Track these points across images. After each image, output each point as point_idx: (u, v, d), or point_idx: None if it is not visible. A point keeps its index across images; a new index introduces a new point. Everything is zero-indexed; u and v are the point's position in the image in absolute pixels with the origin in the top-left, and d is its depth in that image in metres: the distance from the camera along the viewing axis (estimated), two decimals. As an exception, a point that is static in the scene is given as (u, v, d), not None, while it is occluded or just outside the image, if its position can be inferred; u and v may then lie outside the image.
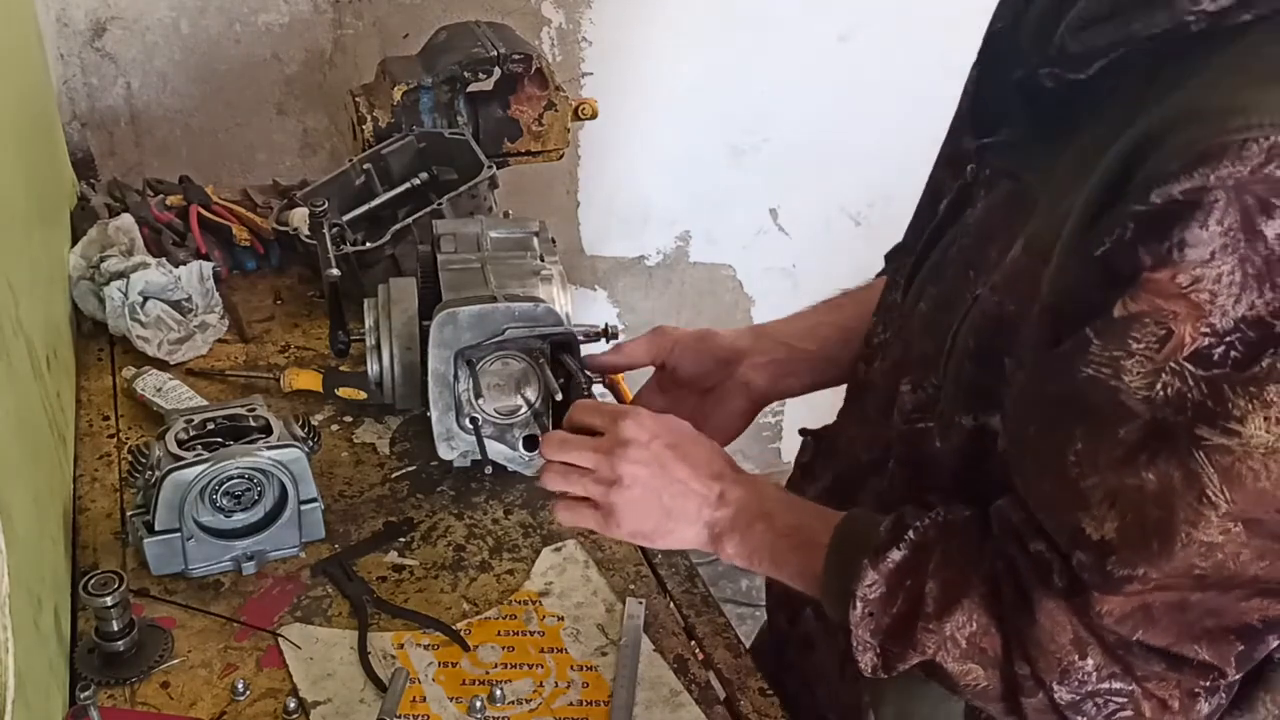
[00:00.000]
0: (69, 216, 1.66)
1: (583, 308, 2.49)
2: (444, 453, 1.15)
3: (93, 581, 0.98)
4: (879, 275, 1.15)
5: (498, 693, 1.00)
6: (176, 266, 1.50)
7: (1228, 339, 0.65)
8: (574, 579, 1.14)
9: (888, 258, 1.14)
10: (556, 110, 1.69)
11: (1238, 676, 0.77)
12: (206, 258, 1.57)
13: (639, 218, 2.52)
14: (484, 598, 1.12)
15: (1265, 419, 0.65)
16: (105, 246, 1.52)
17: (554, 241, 1.26)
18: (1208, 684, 0.76)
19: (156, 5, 1.95)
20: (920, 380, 0.90)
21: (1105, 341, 0.68)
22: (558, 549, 1.17)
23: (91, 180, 1.86)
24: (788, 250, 2.61)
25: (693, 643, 1.09)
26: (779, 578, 0.92)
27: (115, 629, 1.00)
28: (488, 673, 1.04)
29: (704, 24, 2.29)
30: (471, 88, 1.66)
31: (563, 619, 1.10)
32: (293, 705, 0.98)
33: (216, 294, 1.52)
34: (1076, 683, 0.76)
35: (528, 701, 1.01)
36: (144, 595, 1.09)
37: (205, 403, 1.33)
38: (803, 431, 1.14)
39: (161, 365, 1.40)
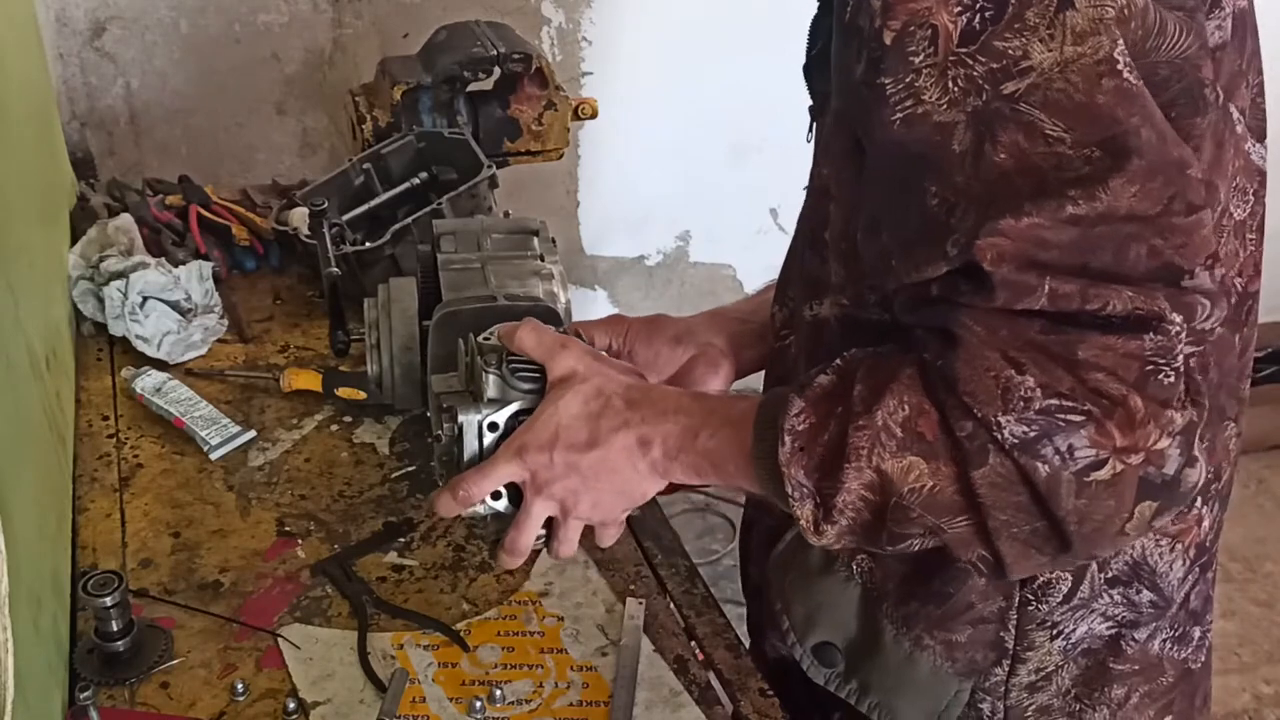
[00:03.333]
0: (68, 216, 1.66)
1: (583, 308, 2.49)
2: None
3: (92, 582, 0.98)
4: None
5: (497, 693, 1.00)
6: (176, 266, 1.50)
7: (976, 4, 0.67)
8: (574, 579, 1.14)
9: None
10: (556, 110, 1.69)
11: (1185, 339, 0.66)
12: (206, 258, 1.57)
13: (639, 218, 2.52)
14: (484, 598, 1.12)
15: (1040, 40, 0.66)
16: (104, 246, 1.52)
17: (554, 241, 1.26)
18: (1156, 348, 0.66)
19: (156, 5, 1.96)
20: (782, 301, 0.95)
21: (894, 75, 0.69)
22: (558, 549, 1.17)
23: (91, 180, 1.86)
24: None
25: (693, 643, 1.09)
26: (724, 481, 0.86)
27: (115, 629, 1.00)
28: (487, 673, 1.04)
29: (704, 23, 2.29)
30: (471, 87, 1.66)
31: (563, 619, 1.10)
32: (292, 706, 0.98)
33: (216, 294, 1.52)
34: (1021, 403, 0.66)
35: (527, 702, 1.01)
36: (143, 596, 1.09)
37: (205, 403, 1.33)
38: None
39: (161, 365, 1.40)
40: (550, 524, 0.91)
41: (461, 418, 0.88)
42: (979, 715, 0.94)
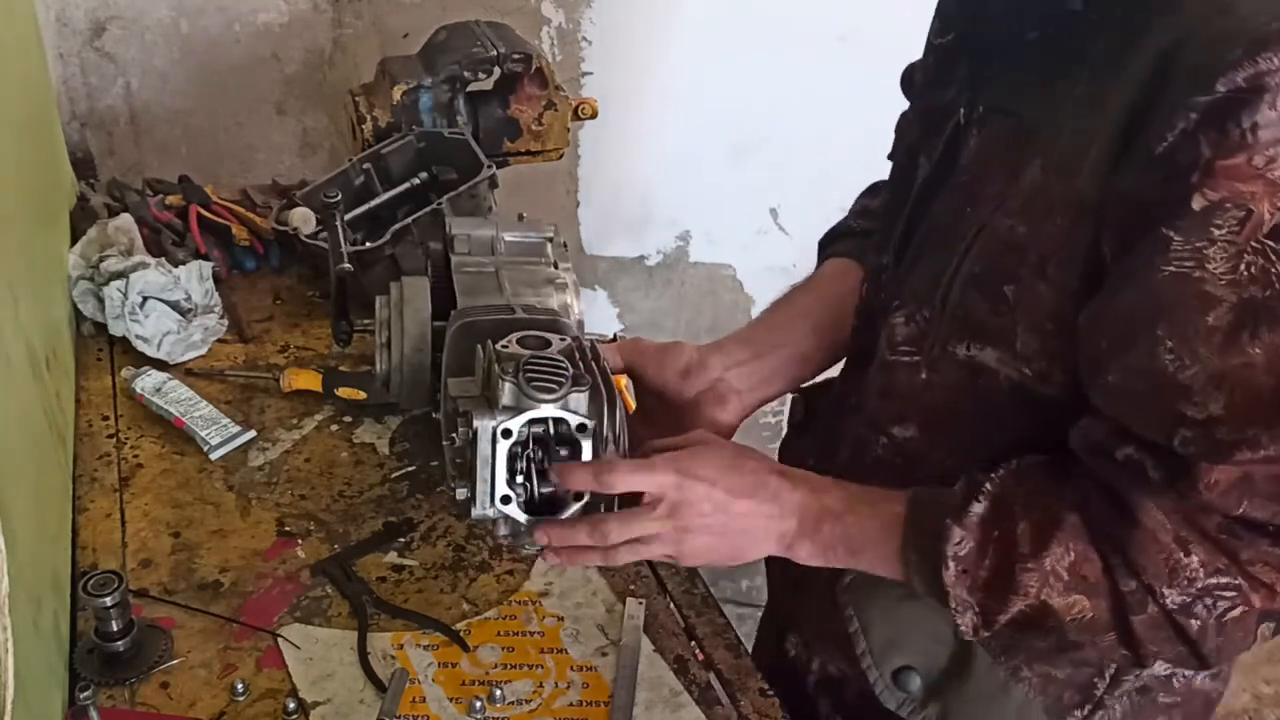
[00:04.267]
0: (68, 216, 1.66)
1: (583, 308, 2.49)
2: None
3: (92, 582, 0.98)
4: (822, 262, 1.16)
5: (497, 693, 1.00)
6: (176, 266, 1.50)
7: None
8: (574, 579, 1.14)
9: (823, 244, 1.17)
10: (556, 110, 1.69)
11: None
12: (206, 258, 1.57)
13: (639, 218, 2.52)
14: (484, 598, 1.12)
15: None
16: (104, 246, 1.52)
17: (565, 246, 1.26)
18: None
19: (156, 5, 1.95)
20: (914, 313, 0.92)
21: (1187, 236, 0.70)
22: (558, 549, 1.17)
23: (91, 180, 1.86)
24: (788, 250, 2.60)
25: (693, 643, 1.09)
26: (856, 567, 0.92)
27: (115, 629, 1.00)
28: (487, 673, 1.04)
29: (704, 23, 2.29)
30: (471, 87, 1.66)
31: (563, 619, 1.10)
32: (292, 706, 0.98)
33: (216, 294, 1.52)
34: (1185, 581, 0.76)
35: (527, 702, 1.01)
36: (143, 596, 1.09)
37: (205, 403, 1.33)
38: (794, 391, 1.15)
39: (161, 365, 1.40)
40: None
41: (477, 423, 0.89)
42: None
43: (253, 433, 1.31)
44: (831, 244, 1.16)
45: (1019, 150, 0.83)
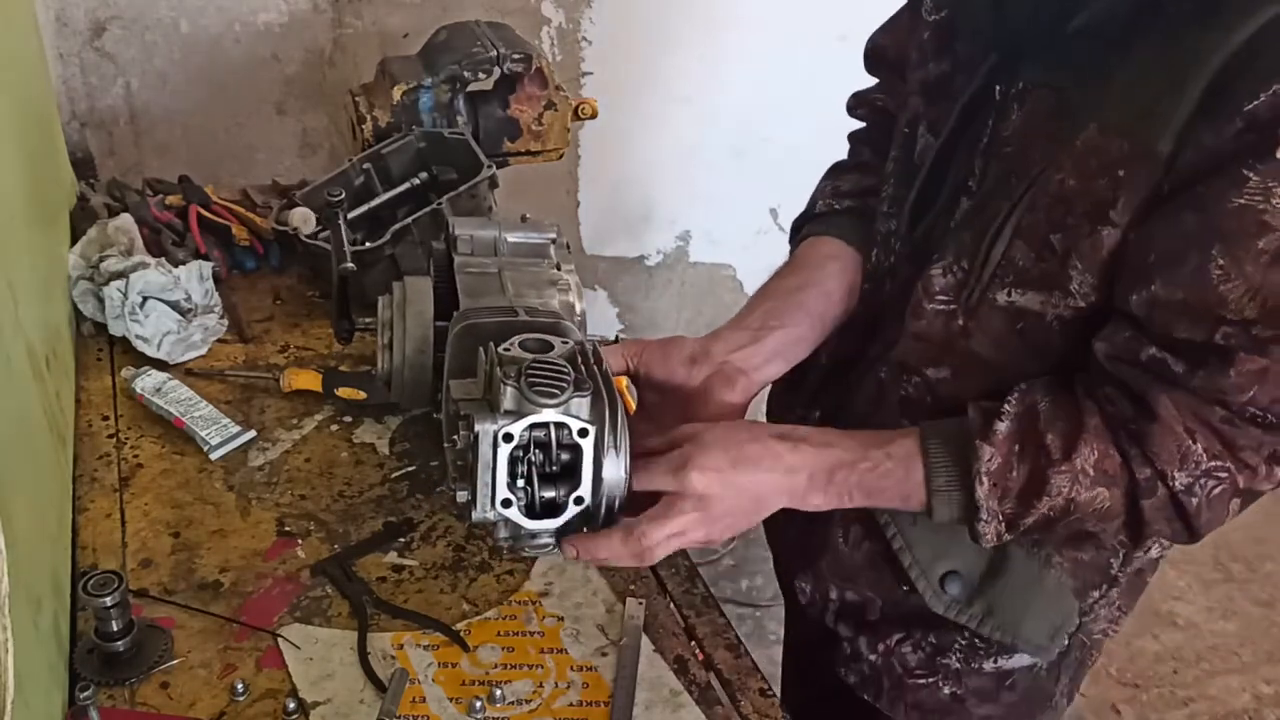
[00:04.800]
0: (68, 216, 1.66)
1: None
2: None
3: (92, 582, 0.98)
4: (797, 245, 1.21)
5: (497, 693, 1.00)
6: (176, 266, 1.50)
7: None
8: (574, 579, 1.14)
9: (797, 226, 1.23)
10: (556, 110, 1.69)
11: None
12: (206, 258, 1.57)
13: (639, 218, 2.52)
14: (484, 598, 1.12)
15: None
16: (104, 246, 1.52)
17: (569, 248, 1.26)
18: None
19: (156, 5, 1.95)
20: (952, 265, 1.00)
21: (1263, 176, 0.81)
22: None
23: (91, 180, 1.86)
24: (788, 250, 2.61)
25: (693, 643, 1.09)
26: (871, 505, 0.99)
27: (115, 629, 1.00)
28: (487, 673, 1.04)
29: (704, 24, 2.29)
30: (471, 87, 1.66)
31: (563, 619, 1.10)
32: (292, 706, 0.98)
33: (216, 294, 1.52)
34: (1192, 465, 0.89)
35: (527, 702, 1.01)
36: (143, 596, 1.09)
37: (205, 403, 1.33)
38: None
39: (161, 365, 1.40)
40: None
41: (478, 427, 0.88)
42: (1083, 630, 1.11)
43: (253, 433, 1.31)
44: (806, 224, 1.21)
45: (1068, 117, 0.91)
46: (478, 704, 0.99)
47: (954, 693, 1.14)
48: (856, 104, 1.26)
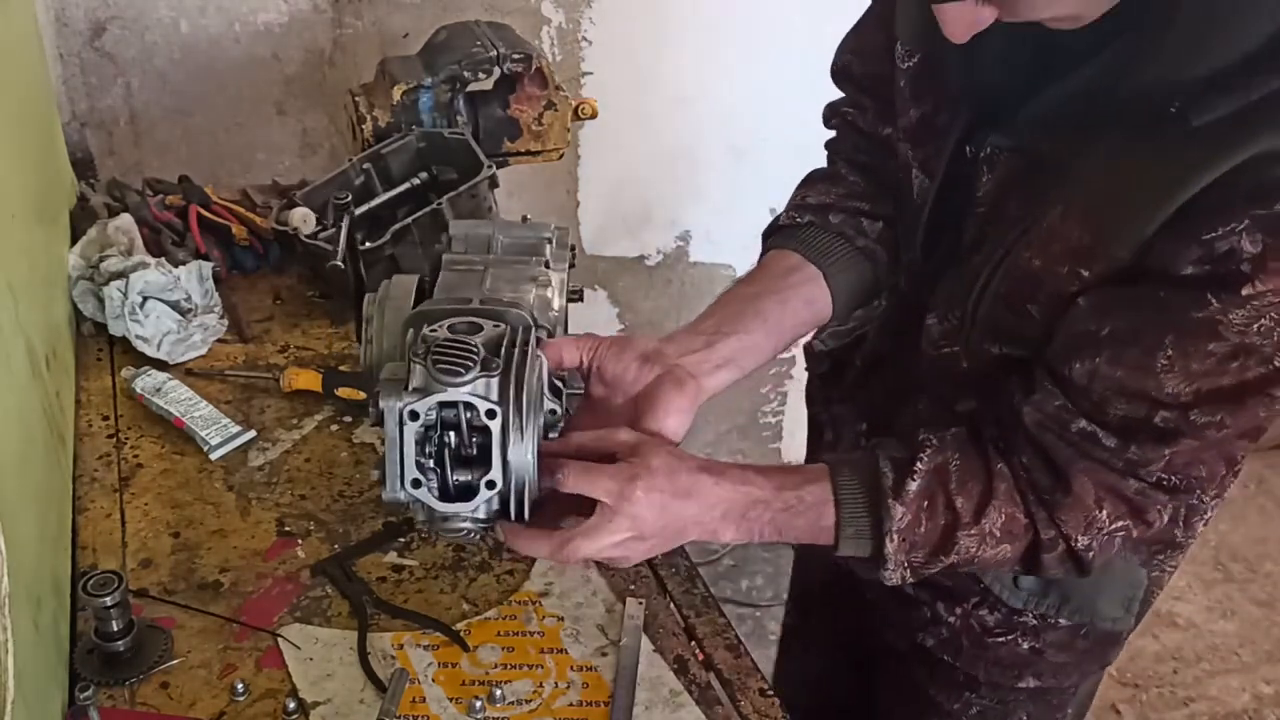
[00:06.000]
0: (68, 216, 1.66)
1: (583, 307, 2.49)
2: None
3: (92, 582, 0.98)
4: (761, 255, 1.21)
5: (497, 693, 1.00)
6: (176, 266, 1.50)
7: None
8: (574, 579, 1.14)
9: (765, 235, 1.23)
10: (556, 110, 1.69)
11: (1213, 505, 1.03)
12: (206, 258, 1.57)
13: (639, 218, 2.52)
14: (484, 598, 1.12)
15: None
16: (104, 246, 1.52)
17: (572, 248, 1.25)
18: (1193, 501, 0.99)
19: (156, 5, 1.95)
20: (945, 314, 1.05)
21: (1225, 305, 0.83)
22: (558, 549, 1.17)
23: (91, 180, 1.86)
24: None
25: (693, 643, 1.09)
26: (782, 541, 1.01)
27: (115, 629, 1.00)
28: (487, 673, 1.04)
29: (704, 23, 2.29)
30: (471, 87, 1.66)
31: (563, 619, 1.10)
32: (292, 706, 0.98)
33: (216, 294, 1.52)
34: (1096, 529, 0.94)
35: (527, 702, 1.01)
36: (143, 596, 1.09)
37: (205, 403, 1.33)
38: (810, 350, 1.32)
39: (161, 365, 1.40)
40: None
41: (383, 403, 0.89)
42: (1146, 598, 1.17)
43: (253, 433, 1.31)
44: (772, 235, 1.22)
45: (1039, 187, 0.93)
46: (478, 704, 0.99)
47: (1033, 646, 1.18)
48: (830, 114, 1.28)
